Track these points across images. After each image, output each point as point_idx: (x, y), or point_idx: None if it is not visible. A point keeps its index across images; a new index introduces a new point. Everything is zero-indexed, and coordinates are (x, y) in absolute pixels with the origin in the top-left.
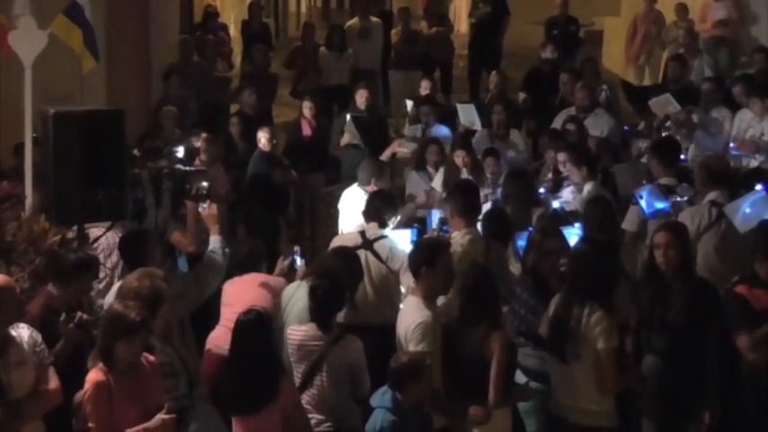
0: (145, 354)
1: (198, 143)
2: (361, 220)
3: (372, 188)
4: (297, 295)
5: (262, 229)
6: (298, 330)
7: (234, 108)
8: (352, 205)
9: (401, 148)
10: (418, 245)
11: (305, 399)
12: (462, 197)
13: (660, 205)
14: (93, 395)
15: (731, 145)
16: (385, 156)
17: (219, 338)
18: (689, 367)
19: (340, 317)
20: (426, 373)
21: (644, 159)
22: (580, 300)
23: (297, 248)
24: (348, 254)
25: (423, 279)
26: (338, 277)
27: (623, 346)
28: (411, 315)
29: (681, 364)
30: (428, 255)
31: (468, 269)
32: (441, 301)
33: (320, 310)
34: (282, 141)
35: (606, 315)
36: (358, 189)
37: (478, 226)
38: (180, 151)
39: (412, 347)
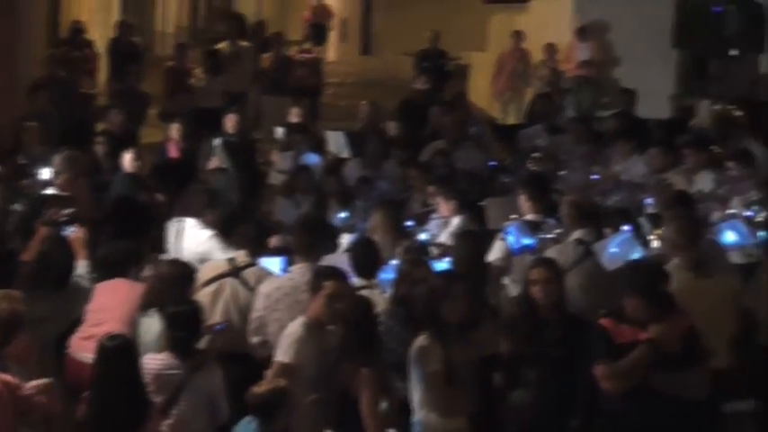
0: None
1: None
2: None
3: (207, 218)
4: (149, 323)
5: None
6: (154, 359)
7: (100, 127)
8: (174, 236)
9: None
10: None
11: (163, 429)
12: (304, 234)
13: (527, 242)
14: None
15: (594, 176)
16: None
17: (80, 346)
18: (559, 399)
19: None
20: (289, 399)
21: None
22: (423, 327)
23: (165, 256)
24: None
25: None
26: (194, 302)
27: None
28: (286, 331)
29: (551, 398)
30: (314, 280)
31: (354, 303)
32: None
33: (179, 339)
34: (149, 163)
35: (426, 341)
36: (184, 219)
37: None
38: (45, 173)
39: (277, 357)
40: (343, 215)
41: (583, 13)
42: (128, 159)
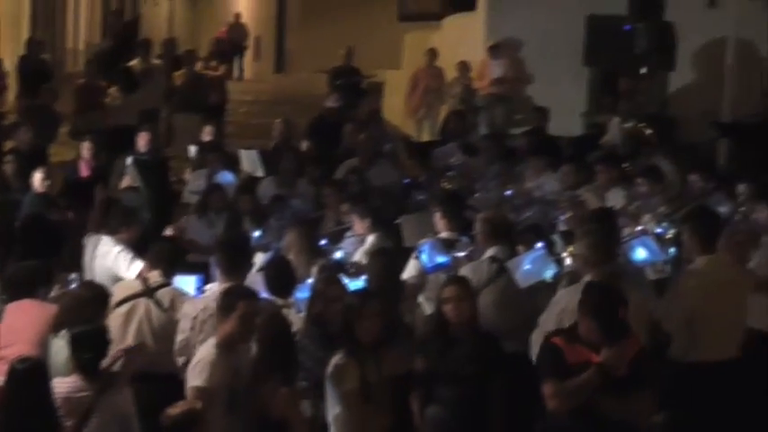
0: None
1: None
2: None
3: (122, 236)
4: (59, 344)
5: None
6: (63, 383)
7: (9, 145)
8: (90, 254)
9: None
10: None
11: None
12: (229, 254)
13: (441, 260)
14: None
15: (507, 192)
16: None
17: None
18: (472, 417)
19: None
20: (202, 421)
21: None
22: (338, 346)
23: (74, 276)
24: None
25: (220, 324)
26: (98, 321)
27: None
28: (197, 355)
29: (465, 414)
30: (225, 301)
31: (271, 321)
32: None
33: (85, 360)
34: (60, 181)
35: (342, 360)
36: (101, 237)
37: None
38: None
39: (191, 382)
40: (257, 234)
41: (495, 31)
42: (37, 178)
